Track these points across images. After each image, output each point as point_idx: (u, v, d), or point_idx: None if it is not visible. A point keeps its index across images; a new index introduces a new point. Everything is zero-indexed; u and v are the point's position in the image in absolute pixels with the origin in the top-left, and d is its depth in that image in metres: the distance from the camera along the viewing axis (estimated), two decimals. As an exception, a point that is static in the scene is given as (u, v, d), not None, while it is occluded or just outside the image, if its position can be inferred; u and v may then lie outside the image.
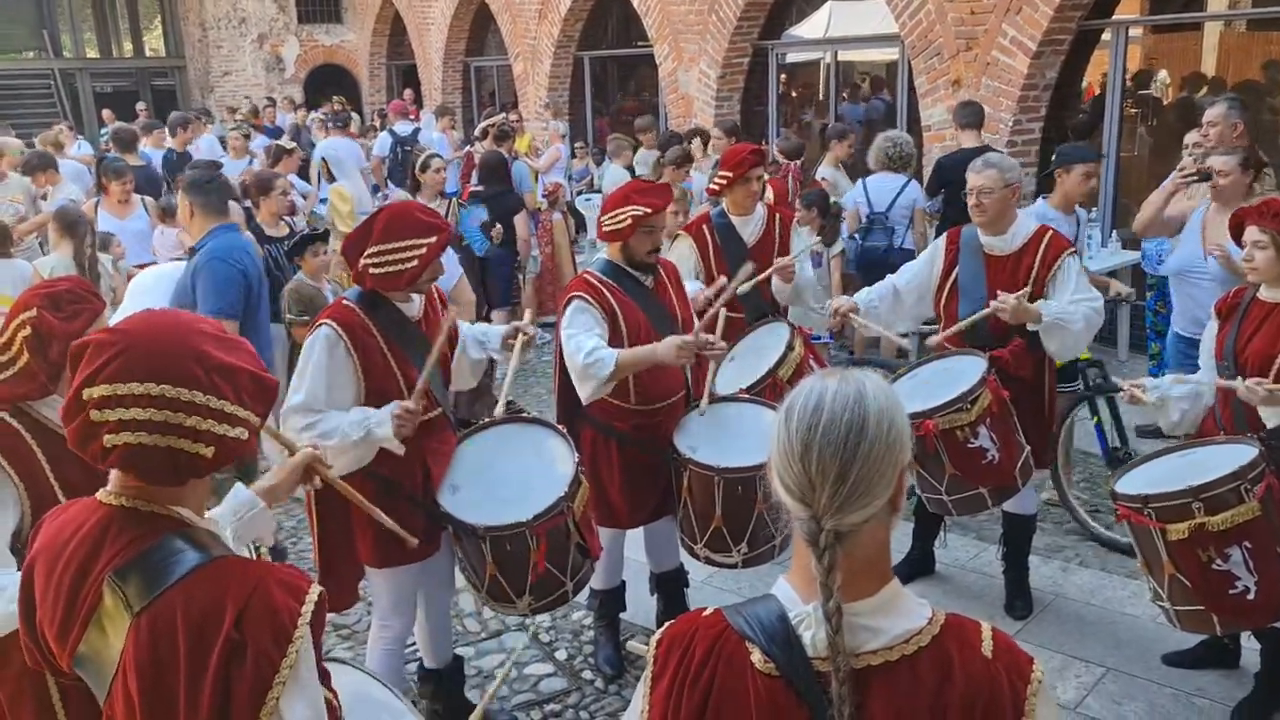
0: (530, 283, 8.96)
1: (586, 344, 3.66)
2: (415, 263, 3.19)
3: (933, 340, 4.25)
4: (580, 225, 10.81)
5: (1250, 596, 3.25)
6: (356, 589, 3.53)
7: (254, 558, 2.21)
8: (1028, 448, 4.07)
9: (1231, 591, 3.27)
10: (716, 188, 4.92)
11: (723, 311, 4.53)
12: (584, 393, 3.72)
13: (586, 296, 3.77)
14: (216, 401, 1.72)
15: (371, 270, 3.22)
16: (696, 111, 11.22)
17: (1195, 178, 5.02)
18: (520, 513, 3.29)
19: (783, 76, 11.58)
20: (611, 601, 4.23)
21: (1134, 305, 7.33)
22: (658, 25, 11.57)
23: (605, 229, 3.83)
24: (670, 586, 4.32)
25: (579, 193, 11.40)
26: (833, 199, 7.10)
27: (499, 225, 7.72)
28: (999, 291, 4.05)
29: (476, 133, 10.70)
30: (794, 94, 12.67)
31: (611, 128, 13.52)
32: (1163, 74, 11.54)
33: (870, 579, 1.50)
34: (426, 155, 7.42)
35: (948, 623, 1.51)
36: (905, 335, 4.73)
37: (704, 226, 4.93)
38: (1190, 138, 6.07)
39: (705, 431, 3.92)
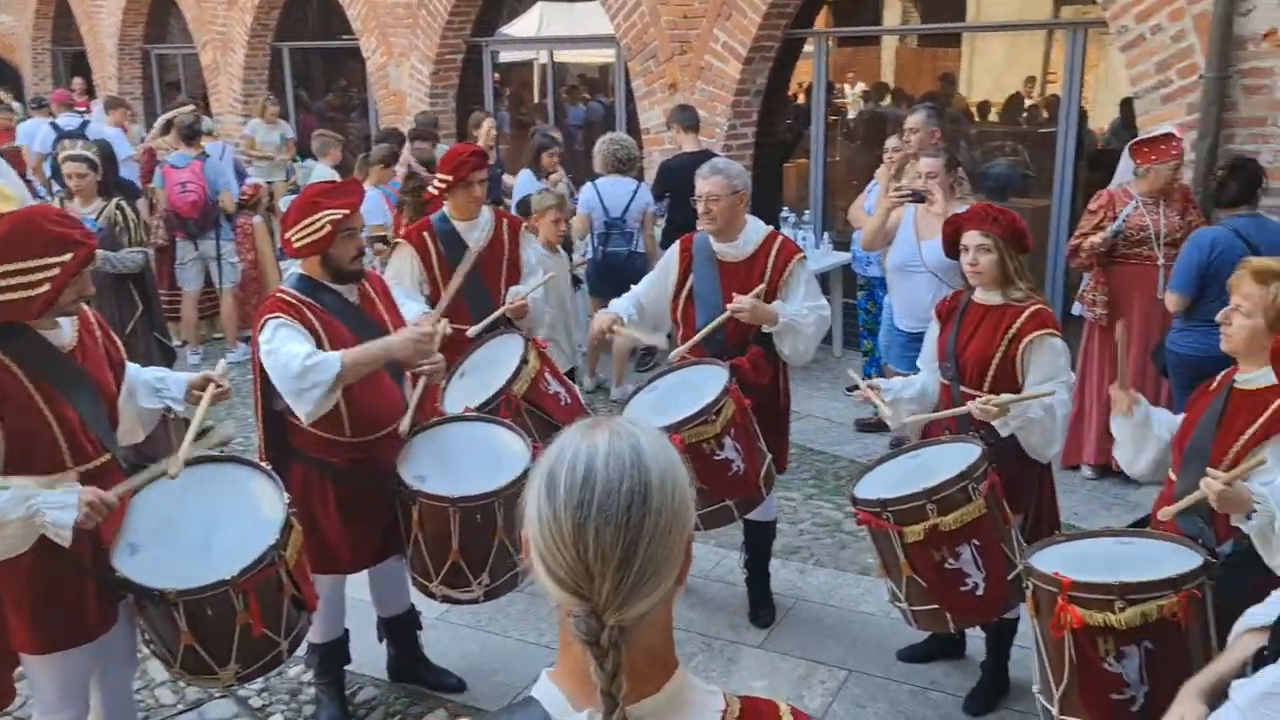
0: (229, 295, 8.13)
1: (299, 349, 3.20)
2: (46, 286, 2.63)
3: (674, 354, 4.11)
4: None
5: (979, 593, 3.34)
6: (11, 684, 2.89)
7: None
8: (769, 455, 4.02)
9: (962, 589, 3.34)
10: (436, 192, 4.54)
11: (444, 323, 4.20)
12: (305, 408, 3.23)
13: (285, 316, 3.31)
14: None
15: (-11, 296, 2.61)
16: (410, 108, 10.70)
17: (911, 198, 5.23)
18: (221, 569, 2.82)
19: (497, 75, 11.29)
20: (333, 656, 3.76)
21: (846, 305, 7.64)
22: (363, 17, 10.94)
23: (299, 243, 3.35)
24: (402, 631, 3.92)
25: (270, 195, 10.55)
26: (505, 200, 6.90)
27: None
28: (734, 294, 3.99)
29: (157, 126, 9.60)
30: (508, 93, 12.41)
31: (318, 124, 12.68)
32: (858, 85, 12.30)
33: (654, 672, 1.24)
34: (66, 154, 6.46)
35: (744, 711, 1.28)
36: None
37: (425, 233, 4.54)
38: (891, 143, 6.37)
39: (433, 458, 3.58)
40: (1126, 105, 7.85)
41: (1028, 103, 11.06)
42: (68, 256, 2.66)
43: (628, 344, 6.93)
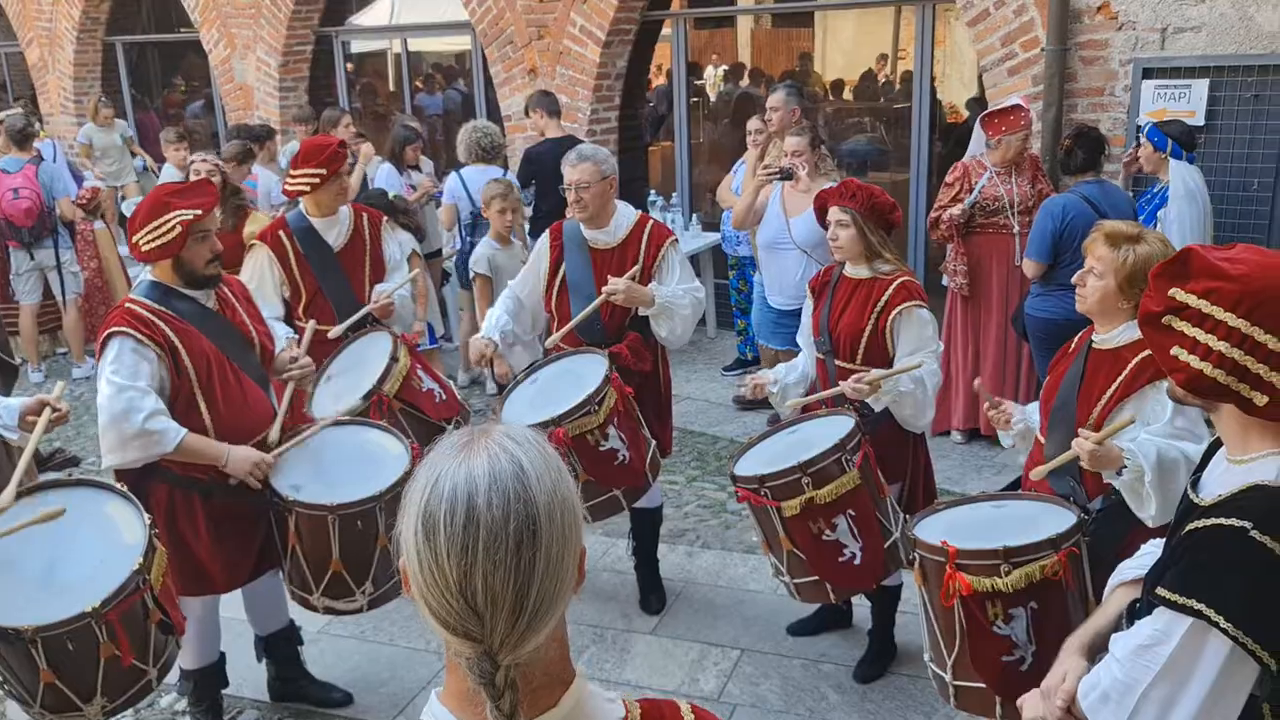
0: (72, 307, 7.65)
1: (147, 405, 3.04)
2: None
3: (549, 341, 4.05)
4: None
5: (857, 562, 3.41)
6: None
7: None
8: (654, 441, 4.00)
9: (840, 559, 3.40)
10: (306, 188, 4.29)
11: (311, 323, 4.05)
12: (114, 458, 3.13)
13: (134, 333, 3.11)
14: None
15: None
16: (258, 103, 10.27)
17: (778, 176, 5.29)
18: (80, 600, 2.64)
19: (350, 66, 10.94)
20: (209, 681, 3.58)
21: (718, 285, 7.69)
22: (202, 9, 10.43)
23: (147, 246, 3.16)
24: (282, 649, 3.76)
25: (123, 197, 10.00)
26: (392, 194, 6.66)
27: None
28: (609, 277, 3.96)
29: None
30: (361, 84, 12.04)
31: (160, 123, 12.06)
32: (722, 67, 12.38)
33: (551, 686, 1.19)
34: None
35: (644, 715, 1.24)
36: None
37: (281, 233, 4.33)
38: (753, 124, 6.42)
39: (307, 466, 3.43)
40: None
41: (881, 79, 11.34)
42: None
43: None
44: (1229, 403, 1.73)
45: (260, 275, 4.24)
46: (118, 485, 2.99)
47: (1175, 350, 1.74)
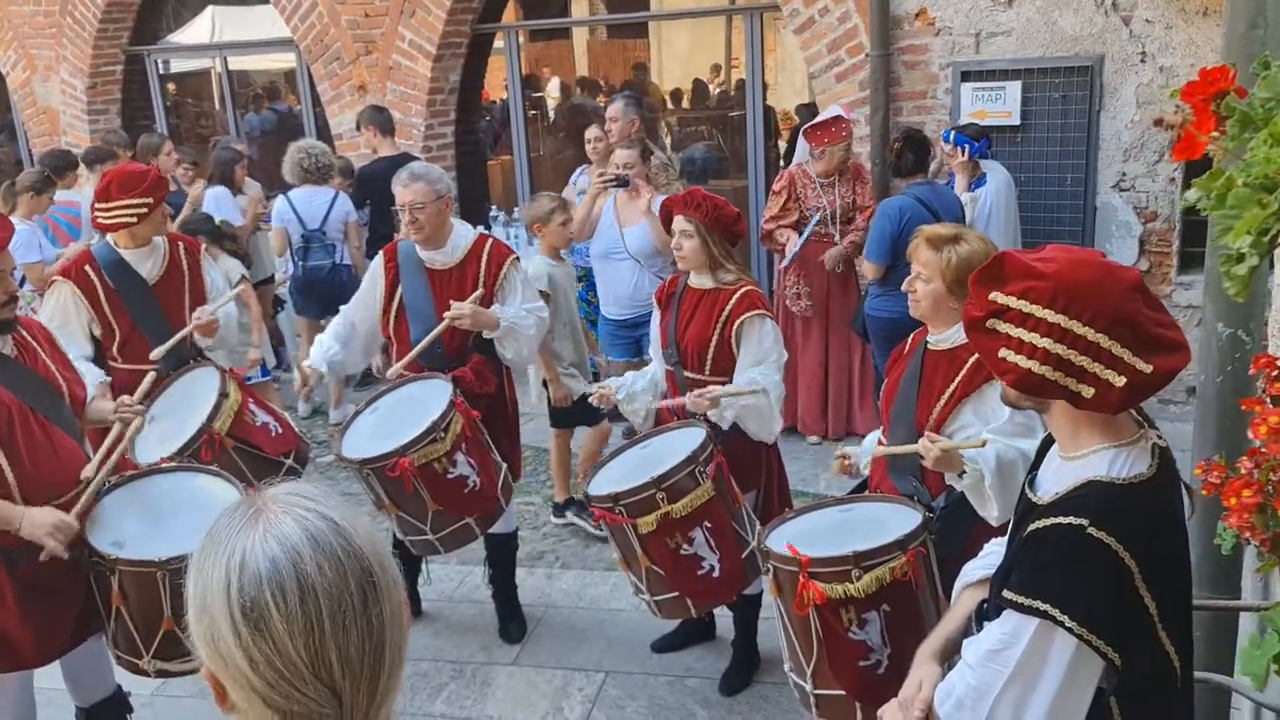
0: None
1: None
2: None
3: (391, 371, 3.88)
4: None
5: (716, 574, 3.39)
6: None
7: None
8: (505, 465, 3.89)
9: (699, 572, 3.38)
10: (134, 219, 3.90)
11: (151, 374, 3.76)
12: None
13: None
14: None
15: None
16: (65, 127, 9.63)
17: (614, 183, 5.26)
18: None
19: (171, 86, 10.39)
20: (27, 762, 3.27)
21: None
22: (-4, 28, 9.73)
23: None
24: (109, 719, 3.47)
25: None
26: (219, 219, 6.34)
27: None
28: (451, 301, 3.83)
29: None
30: (185, 105, 11.46)
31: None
32: (554, 80, 12.34)
33: None
34: None
35: None
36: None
37: (86, 268, 3.99)
38: (591, 132, 6.39)
39: (130, 519, 3.18)
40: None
41: (714, 88, 11.52)
42: None
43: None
44: (1058, 398, 1.76)
45: (64, 314, 3.91)
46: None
47: (1003, 353, 1.76)
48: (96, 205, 4.00)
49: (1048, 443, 1.97)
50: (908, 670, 2.11)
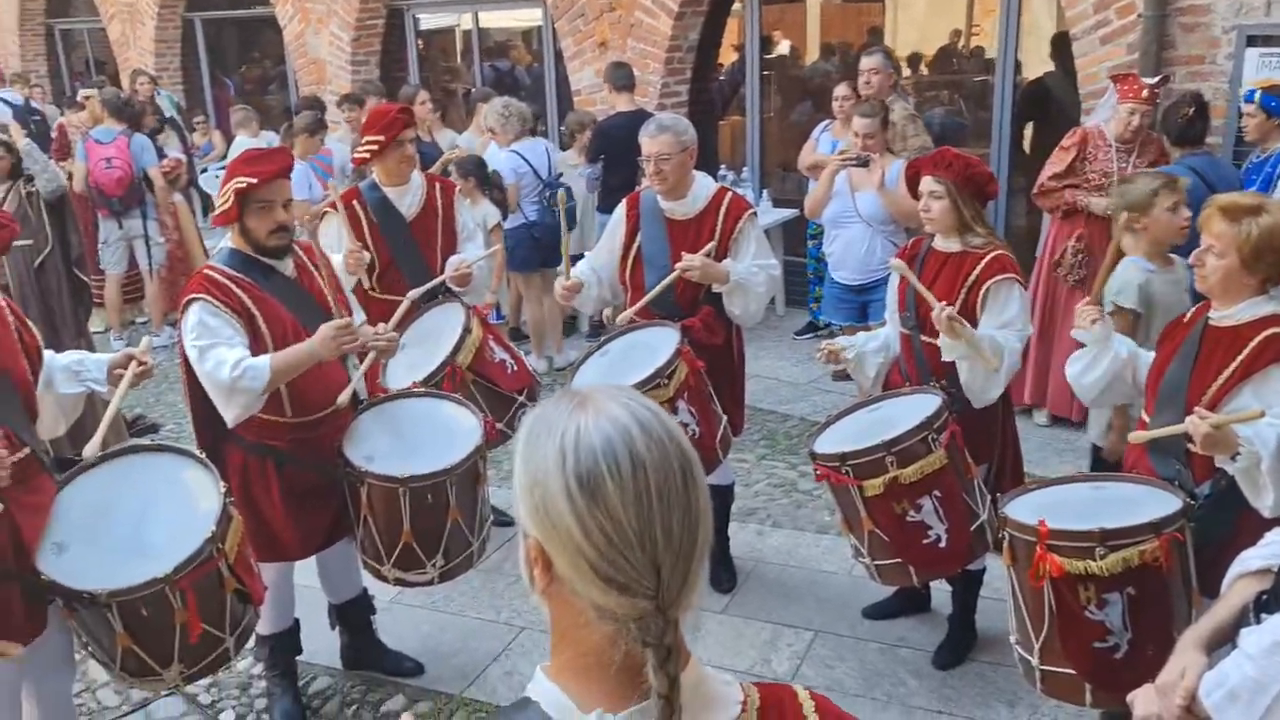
0: (157, 278, 7.77)
1: (229, 355, 3.02)
2: None
3: (623, 316, 3.97)
4: (208, 207, 9.58)
5: (942, 545, 3.28)
6: None
7: None
8: (725, 417, 3.91)
9: (925, 541, 3.28)
10: (367, 155, 4.30)
11: (409, 296, 4.04)
12: (232, 414, 3.11)
13: (211, 299, 3.10)
14: None
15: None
16: (330, 77, 10.33)
17: (855, 163, 5.14)
18: (155, 567, 2.64)
19: (420, 43, 10.95)
20: (284, 646, 3.59)
21: (788, 263, 7.54)
22: (278, -16, 10.53)
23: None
24: (354, 617, 3.77)
25: (203, 170, 10.14)
26: (491, 168, 6.61)
27: None
28: (683, 253, 3.86)
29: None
30: (432, 58, 12.04)
31: (237, 98, 12.21)
32: (785, 43, 12.17)
33: (681, 656, 1.12)
34: None
35: (763, 701, 1.16)
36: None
37: (355, 202, 4.31)
38: (840, 90, 6.27)
39: (380, 436, 3.42)
40: (1058, 47, 7.72)
41: (957, 52, 11.04)
42: None
43: (563, 313, 6.80)
44: None
45: (332, 243, 4.23)
46: (196, 452, 2.99)
47: None
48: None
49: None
50: (1146, 658, 2.00)
